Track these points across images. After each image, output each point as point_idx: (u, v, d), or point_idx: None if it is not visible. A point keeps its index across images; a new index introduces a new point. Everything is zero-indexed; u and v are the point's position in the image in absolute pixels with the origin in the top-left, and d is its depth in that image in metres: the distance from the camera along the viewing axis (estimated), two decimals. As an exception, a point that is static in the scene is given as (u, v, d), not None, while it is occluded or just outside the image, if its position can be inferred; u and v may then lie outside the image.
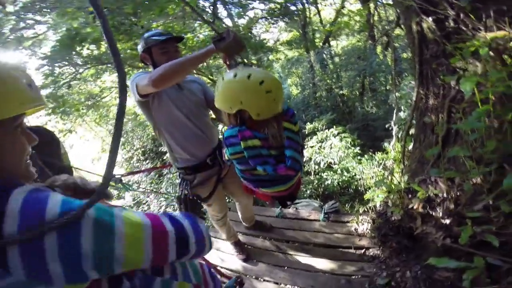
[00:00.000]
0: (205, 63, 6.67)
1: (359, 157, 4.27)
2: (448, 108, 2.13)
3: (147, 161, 7.17)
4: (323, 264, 2.07)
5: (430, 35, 2.05)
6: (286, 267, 2.14)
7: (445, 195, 1.63)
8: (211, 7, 5.14)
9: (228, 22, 6.48)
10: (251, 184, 1.44)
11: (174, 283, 0.64)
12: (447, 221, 1.49)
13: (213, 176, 1.77)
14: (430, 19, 1.92)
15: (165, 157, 6.50)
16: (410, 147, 2.96)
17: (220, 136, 1.86)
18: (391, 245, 1.81)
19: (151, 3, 3.94)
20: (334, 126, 4.86)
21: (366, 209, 2.53)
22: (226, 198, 2.27)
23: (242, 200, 2.18)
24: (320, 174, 4.42)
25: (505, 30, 1.42)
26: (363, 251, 2.02)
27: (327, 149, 4.60)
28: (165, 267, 0.65)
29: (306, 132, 5.35)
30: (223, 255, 2.44)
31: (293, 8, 6.75)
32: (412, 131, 2.94)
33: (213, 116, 1.89)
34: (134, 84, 1.40)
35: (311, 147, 4.76)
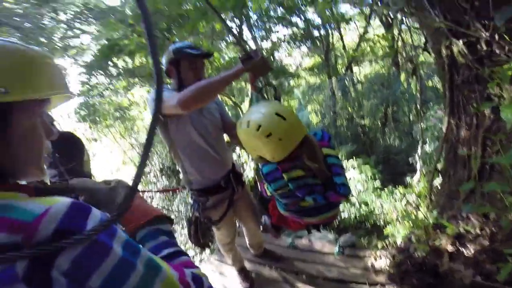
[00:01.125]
0: (226, 85, 6.90)
1: (378, 191, 4.03)
2: (483, 140, 1.96)
3: (164, 178, 7.25)
4: (334, 300, 1.87)
5: (461, 59, 1.92)
6: (292, 301, 1.96)
7: (478, 231, 1.46)
8: (237, 29, 5.43)
9: (252, 44, 6.74)
10: (296, 215, 1.39)
11: None
12: (480, 258, 1.30)
13: (225, 199, 1.73)
14: (461, 42, 1.82)
15: (181, 176, 6.53)
16: (436, 182, 2.75)
17: (235, 158, 1.84)
18: (411, 282, 1.60)
19: (184, 20, 4.21)
20: (354, 158, 4.69)
21: (385, 245, 2.32)
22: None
23: (251, 226, 2.11)
24: (336, 206, 4.20)
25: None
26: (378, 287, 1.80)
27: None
28: None
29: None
30: (226, 281, 2.31)
31: (316, 33, 6.91)
32: (439, 165, 2.75)
33: (228, 139, 1.88)
34: None
35: (329, 178, 4.57)
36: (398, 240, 2.12)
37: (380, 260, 2.05)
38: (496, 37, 1.57)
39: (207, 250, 3.20)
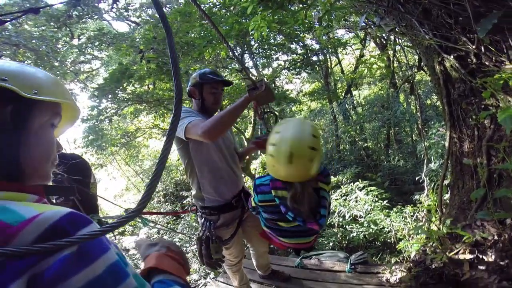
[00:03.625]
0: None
1: (387, 210, 3.96)
2: (487, 150, 1.97)
3: (167, 203, 7.23)
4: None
5: (454, 73, 2.00)
6: (305, 322, 1.84)
7: (496, 237, 1.41)
8: (239, 56, 5.70)
9: (254, 71, 7.04)
10: (272, 233, 1.45)
11: None
12: (502, 264, 1.24)
13: (236, 218, 1.76)
14: (452, 56, 1.88)
15: (184, 202, 6.48)
16: (446, 196, 2.70)
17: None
18: (433, 294, 1.51)
19: (190, 49, 4.47)
20: (360, 180, 4.67)
21: (399, 260, 2.22)
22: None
23: (258, 247, 2.09)
24: (344, 226, 4.11)
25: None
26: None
27: (352, 202, 4.34)
28: None
29: (329, 185, 5.14)
30: (233, 302, 2.17)
31: (314, 58, 7.21)
32: (446, 182, 2.72)
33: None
34: (184, 124, 1.43)
35: (335, 199, 4.54)
36: (412, 254, 2.03)
37: (396, 275, 1.95)
38: (482, 49, 1.63)
39: (212, 274, 3.06)
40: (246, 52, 6.09)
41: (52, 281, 0.38)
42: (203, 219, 1.72)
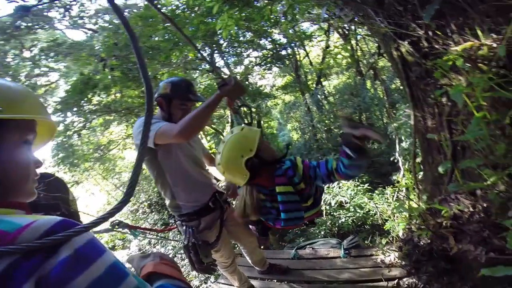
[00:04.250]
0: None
1: (370, 193, 4.18)
2: (448, 125, 2.14)
3: (153, 213, 6.99)
4: (352, 302, 1.86)
5: (410, 58, 2.13)
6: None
7: (471, 209, 1.55)
8: (209, 57, 5.62)
9: (225, 70, 7.01)
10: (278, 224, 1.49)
11: None
12: (484, 235, 1.38)
13: (217, 219, 1.76)
14: (406, 42, 2.02)
15: (168, 203, 6.32)
16: (420, 174, 2.91)
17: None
18: (426, 270, 1.64)
19: (155, 53, 4.33)
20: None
21: (389, 240, 2.37)
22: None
23: (247, 243, 2.11)
24: (332, 214, 4.27)
25: (471, 40, 1.49)
26: (395, 281, 1.82)
27: (335, 189, 4.52)
28: None
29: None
30: (237, 303, 2.19)
31: (283, 52, 7.35)
32: (418, 159, 2.92)
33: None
34: (153, 131, 1.39)
35: (319, 187, 4.67)
36: (399, 233, 2.18)
37: (389, 256, 2.09)
38: (431, 33, 1.77)
39: (212, 278, 3.07)
40: (216, 51, 6.03)
41: (55, 284, 0.40)
42: (184, 226, 1.71)
